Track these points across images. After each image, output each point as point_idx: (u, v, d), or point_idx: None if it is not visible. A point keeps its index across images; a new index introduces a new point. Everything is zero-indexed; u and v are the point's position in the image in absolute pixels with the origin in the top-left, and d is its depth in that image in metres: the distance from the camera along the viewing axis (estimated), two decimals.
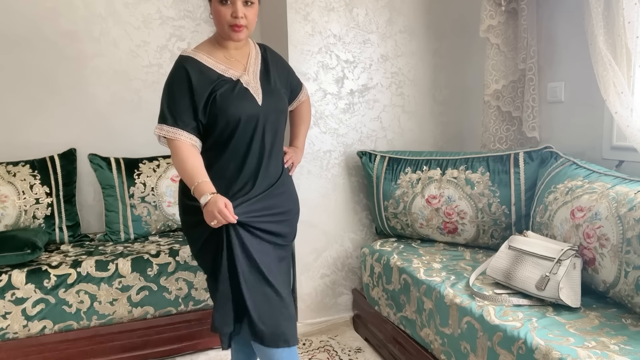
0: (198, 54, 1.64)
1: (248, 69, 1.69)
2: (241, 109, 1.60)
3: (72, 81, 2.73)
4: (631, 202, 1.55)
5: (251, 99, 1.63)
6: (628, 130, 1.76)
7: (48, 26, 2.67)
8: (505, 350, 1.48)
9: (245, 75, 1.66)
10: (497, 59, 2.39)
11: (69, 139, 2.73)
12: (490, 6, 2.33)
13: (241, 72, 1.67)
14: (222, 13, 1.57)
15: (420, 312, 1.95)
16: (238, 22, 1.57)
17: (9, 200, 2.42)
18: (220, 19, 1.58)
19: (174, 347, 2.31)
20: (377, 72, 2.61)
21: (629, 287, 1.52)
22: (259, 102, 1.64)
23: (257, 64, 1.73)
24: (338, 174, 2.61)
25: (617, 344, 1.35)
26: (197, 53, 1.65)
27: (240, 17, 1.56)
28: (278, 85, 1.75)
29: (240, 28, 1.58)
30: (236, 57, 1.69)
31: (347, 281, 2.69)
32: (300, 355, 2.37)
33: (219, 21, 1.60)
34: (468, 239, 2.29)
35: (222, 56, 1.67)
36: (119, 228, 2.55)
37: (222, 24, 1.59)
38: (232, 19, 1.57)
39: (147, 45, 2.84)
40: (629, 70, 1.78)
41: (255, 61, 1.73)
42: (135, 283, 2.22)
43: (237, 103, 1.60)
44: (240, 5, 1.56)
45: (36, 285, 2.08)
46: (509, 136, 2.46)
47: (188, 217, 1.69)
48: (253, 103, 1.63)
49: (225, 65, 1.66)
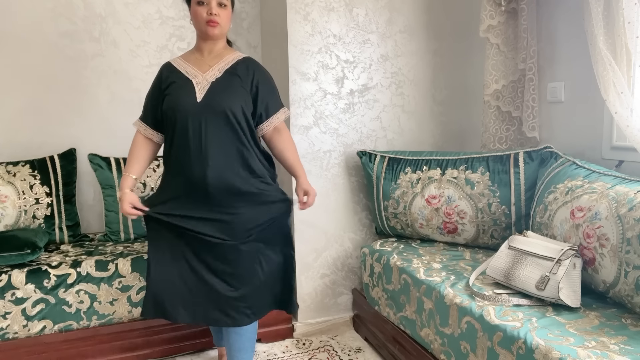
0: (176, 60, 1.90)
1: (212, 69, 1.84)
2: (175, 102, 1.79)
3: (72, 81, 2.73)
4: (631, 202, 1.55)
5: (191, 95, 1.78)
6: (628, 130, 1.76)
7: (48, 26, 2.67)
8: (505, 350, 1.48)
9: (200, 75, 1.82)
10: (497, 59, 2.39)
11: (69, 139, 2.73)
12: (490, 6, 2.34)
13: (202, 72, 1.83)
14: (199, 12, 1.78)
15: (420, 312, 1.95)
16: (213, 18, 1.77)
17: (9, 200, 2.41)
18: (198, 17, 1.79)
19: (174, 347, 2.31)
20: (377, 72, 2.61)
21: (628, 287, 1.52)
22: (197, 99, 1.78)
23: (226, 66, 1.85)
24: (338, 174, 2.61)
25: (617, 344, 1.35)
26: (177, 59, 1.91)
27: (214, 14, 1.77)
28: (237, 90, 1.81)
29: (214, 24, 1.78)
30: (207, 60, 1.86)
31: (347, 281, 2.69)
32: (300, 355, 2.37)
33: (197, 20, 1.80)
34: (468, 239, 2.29)
35: (194, 58, 1.88)
36: (119, 228, 2.55)
37: (200, 22, 1.80)
38: (208, 16, 1.77)
39: (147, 45, 2.84)
40: (629, 70, 1.78)
41: (225, 65, 1.85)
42: (135, 283, 2.22)
43: (176, 97, 1.80)
44: (215, 4, 1.78)
45: (36, 285, 2.08)
46: (509, 136, 2.46)
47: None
48: (191, 98, 1.77)
49: (192, 67, 1.85)
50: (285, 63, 2.47)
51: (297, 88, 2.46)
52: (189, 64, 1.86)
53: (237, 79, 1.82)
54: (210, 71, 1.83)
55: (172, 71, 1.87)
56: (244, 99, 1.81)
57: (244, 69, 1.85)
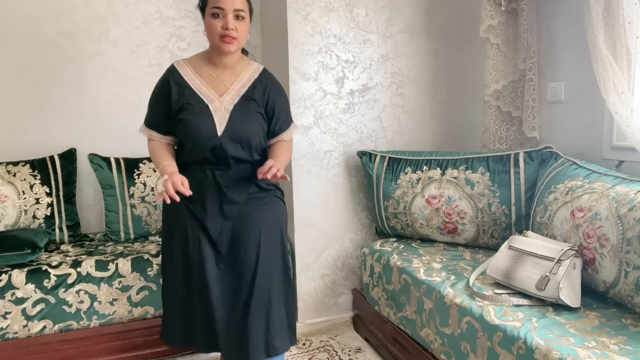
0: (185, 68, 1.75)
1: (228, 92, 1.73)
2: (194, 133, 1.68)
3: (72, 81, 2.73)
4: (631, 202, 1.55)
5: (210, 124, 1.68)
6: (628, 130, 1.76)
7: (48, 26, 2.67)
8: (505, 350, 1.48)
9: (217, 100, 1.71)
10: (497, 59, 2.39)
11: (69, 139, 2.73)
12: (490, 6, 2.34)
13: (218, 94, 1.72)
14: (214, 25, 1.64)
15: (420, 312, 1.95)
16: (229, 33, 1.63)
17: (9, 200, 2.41)
18: (212, 30, 1.65)
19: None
20: (377, 72, 2.61)
21: (629, 287, 1.52)
22: (218, 131, 1.69)
23: (243, 88, 1.75)
24: (338, 174, 2.61)
25: (617, 344, 1.35)
26: (185, 66, 1.75)
27: (230, 29, 1.63)
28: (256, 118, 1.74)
29: (230, 39, 1.65)
30: (222, 77, 1.74)
31: (347, 281, 2.69)
32: (300, 355, 2.37)
33: (211, 33, 1.66)
34: (468, 239, 2.29)
35: (207, 73, 1.74)
36: (119, 228, 2.55)
37: (214, 36, 1.66)
38: (223, 30, 1.63)
39: (147, 45, 2.84)
40: (629, 70, 1.78)
41: (243, 85, 1.75)
42: (135, 283, 2.22)
43: (195, 127, 1.68)
44: (232, 18, 1.63)
45: (36, 285, 2.08)
46: (509, 136, 2.46)
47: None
48: (210, 129, 1.68)
49: (206, 86, 1.73)
50: (285, 63, 2.47)
51: (297, 88, 2.46)
52: (202, 81, 1.73)
53: (255, 104, 1.74)
54: (227, 95, 1.72)
55: (183, 86, 1.72)
56: (262, 125, 1.76)
57: (261, 91, 1.76)
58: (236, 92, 1.73)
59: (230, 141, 1.69)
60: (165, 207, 1.79)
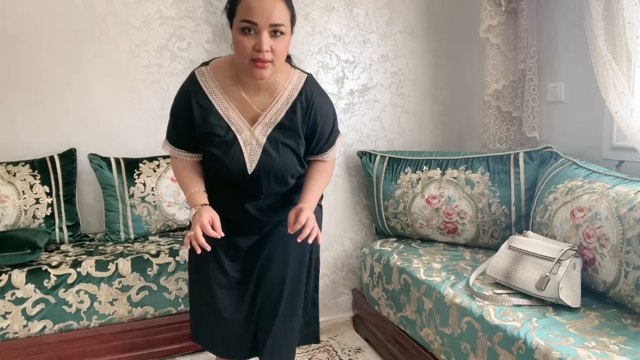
0: (210, 83, 1.42)
1: (262, 119, 1.43)
2: (221, 169, 1.45)
3: (72, 81, 2.73)
4: (631, 202, 1.55)
5: (239, 160, 1.43)
6: (628, 130, 1.76)
7: (48, 26, 2.66)
8: (505, 350, 1.48)
9: (248, 130, 1.43)
10: (497, 59, 2.39)
11: (69, 139, 2.73)
12: (490, 6, 2.34)
13: (250, 121, 1.44)
14: (243, 44, 1.29)
15: (420, 312, 1.95)
16: (262, 57, 1.28)
17: (9, 200, 2.41)
18: (241, 51, 1.30)
19: (174, 347, 2.31)
20: (377, 72, 2.61)
21: (629, 287, 1.52)
22: (249, 169, 1.43)
23: (280, 113, 1.43)
24: (338, 174, 2.60)
25: (617, 344, 1.35)
26: (210, 81, 1.43)
27: (265, 51, 1.27)
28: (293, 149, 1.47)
29: (264, 64, 1.29)
30: (254, 100, 1.43)
31: (347, 281, 2.69)
32: (300, 355, 2.37)
33: (239, 52, 1.32)
34: (468, 239, 2.29)
35: (235, 94, 1.43)
36: (119, 228, 2.55)
37: (243, 58, 1.31)
38: (255, 52, 1.28)
39: (147, 45, 2.83)
40: (629, 70, 1.78)
41: (280, 109, 1.43)
42: (135, 283, 2.22)
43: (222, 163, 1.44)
44: (266, 36, 1.27)
45: (36, 285, 2.08)
46: (509, 136, 2.46)
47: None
48: (240, 166, 1.43)
49: (234, 108, 1.43)
50: None
51: None
52: (230, 103, 1.42)
53: (292, 132, 1.45)
54: (260, 123, 1.43)
55: (207, 108, 1.42)
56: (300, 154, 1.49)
57: (301, 114, 1.44)
58: (270, 119, 1.43)
59: (263, 177, 1.46)
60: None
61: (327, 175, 1.58)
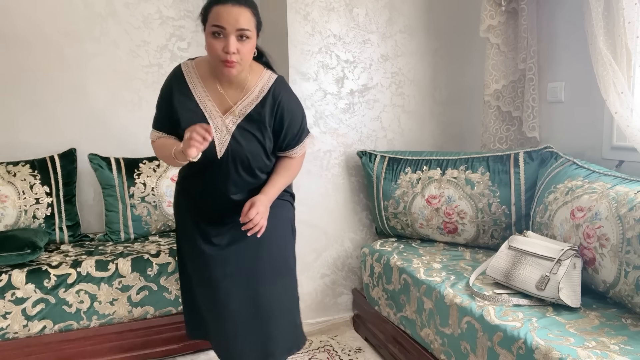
0: (192, 73, 1.61)
1: (233, 111, 1.59)
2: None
3: (72, 81, 2.73)
4: (631, 202, 1.55)
5: (211, 147, 1.55)
6: (628, 130, 1.76)
7: (48, 26, 2.66)
8: (505, 350, 1.48)
9: (220, 118, 1.59)
10: (497, 59, 2.39)
11: (69, 139, 2.73)
12: (490, 6, 2.34)
13: (222, 112, 1.59)
14: (214, 46, 1.48)
15: (420, 312, 1.95)
16: (229, 58, 1.46)
17: (9, 200, 2.41)
18: (212, 52, 1.50)
19: (174, 347, 2.31)
20: (377, 72, 2.61)
21: (629, 287, 1.52)
22: (217, 153, 1.57)
23: (249, 106, 1.60)
24: (338, 174, 2.61)
25: (617, 344, 1.35)
26: (192, 72, 1.61)
27: (232, 53, 1.46)
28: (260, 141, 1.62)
29: (231, 64, 1.48)
30: (228, 93, 1.61)
31: (347, 281, 2.69)
32: (300, 355, 2.37)
33: (211, 54, 1.51)
34: (468, 239, 2.29)
35: (212, 85, 1.60)
36: (119, 228, 2.55)
37: (214, 58, 1.51)
38: (224, 54, 1.47)
39: (147, 45, 2.84)
40: (629, 70, 1.79)
41: (250, 103, 1.60)
42: (135, 283, 2.22)
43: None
44: (234, 39, 1.46)
45: (36, 285, 2.08)
46: (509, 136, 2.46)
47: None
48: (211, 152, 1.56)
49: (210, 98, 1.60)
50: (285, 63, 2.47)
51: (297, 88, 2.46)
52: (207, 93, 1.60)
53: (260, 124, 1.60)
54: (231, 114, 1.59)
55: (185, 94, 1.60)
56: (267, 147, 1.63)
57: (269, 109, 1.61)
58: (241, 111, 1.60)
59: (231, 162, 1.60)
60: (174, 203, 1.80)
61: (291, 171, 1.73)
